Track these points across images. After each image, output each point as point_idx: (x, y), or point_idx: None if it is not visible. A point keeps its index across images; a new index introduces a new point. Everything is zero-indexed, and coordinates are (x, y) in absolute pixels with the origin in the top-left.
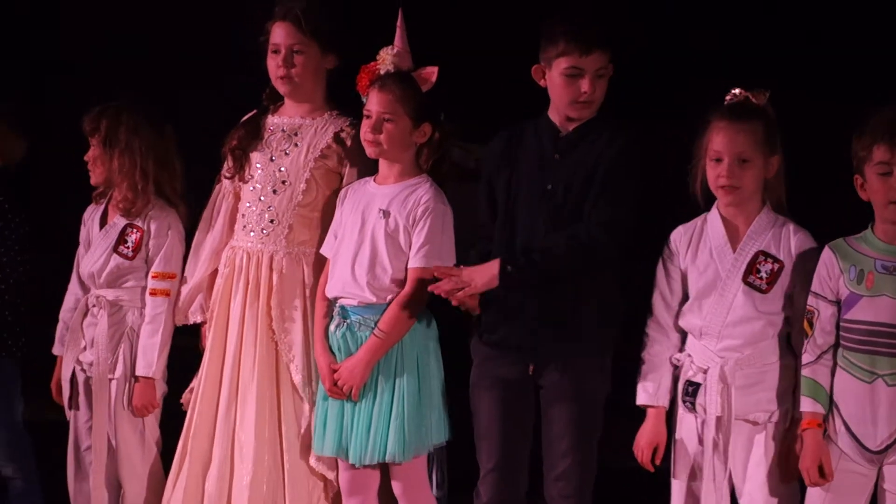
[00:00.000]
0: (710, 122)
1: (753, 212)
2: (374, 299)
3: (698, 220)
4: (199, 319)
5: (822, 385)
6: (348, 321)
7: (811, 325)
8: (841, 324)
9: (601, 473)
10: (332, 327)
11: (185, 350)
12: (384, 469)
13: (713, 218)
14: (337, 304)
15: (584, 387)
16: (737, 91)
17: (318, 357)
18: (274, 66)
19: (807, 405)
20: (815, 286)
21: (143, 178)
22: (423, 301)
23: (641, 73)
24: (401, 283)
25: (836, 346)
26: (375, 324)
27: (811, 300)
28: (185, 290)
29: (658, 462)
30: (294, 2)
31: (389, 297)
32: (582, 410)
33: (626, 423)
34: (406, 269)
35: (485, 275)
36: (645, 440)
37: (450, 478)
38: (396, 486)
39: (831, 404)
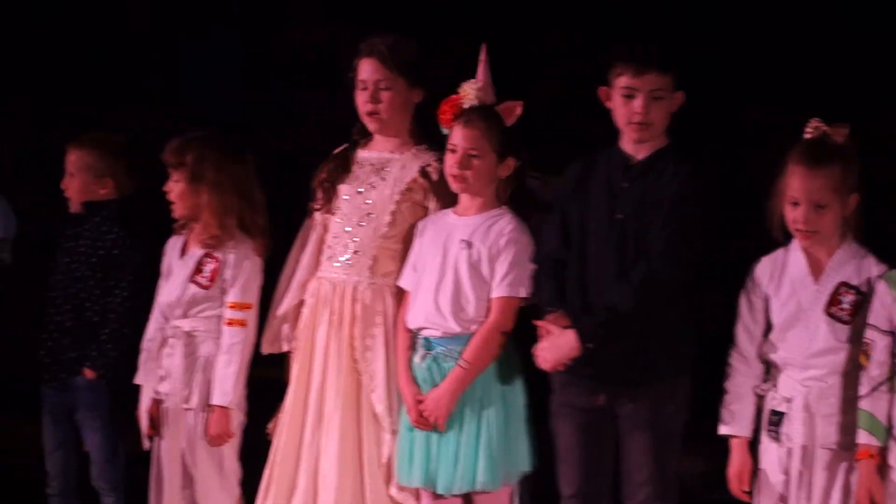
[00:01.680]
0: (788, 163)
1: (834, 245)
2: (458, 329)
3: (780, 252)
4: (284, 349)
5: (877, 417)
6: (433, 352)
7: (867, 356)
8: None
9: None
10: (416, 359)
11: (267, 380)
12: (466, 497)
13: (794, 250)
14: (420, 336)
15: (659, 416)
16: (815, 126)
17: (403, 389)
18: (362, 102)
19: (862, 437)
20: (870, 318)
21: (227, 213)
22: (506, 330)
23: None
24: (484, 313)
25: (894, 377)
26: (460, 354)
27: (868, 332)
28: (271, 318)
29: (746, 488)
30: (380, 38)
31: (473, 328)
32: (658, 441)
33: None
34: (489, 298)
35: (563, 350)
36: (734, 471)
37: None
38: None
39: (888, 435)
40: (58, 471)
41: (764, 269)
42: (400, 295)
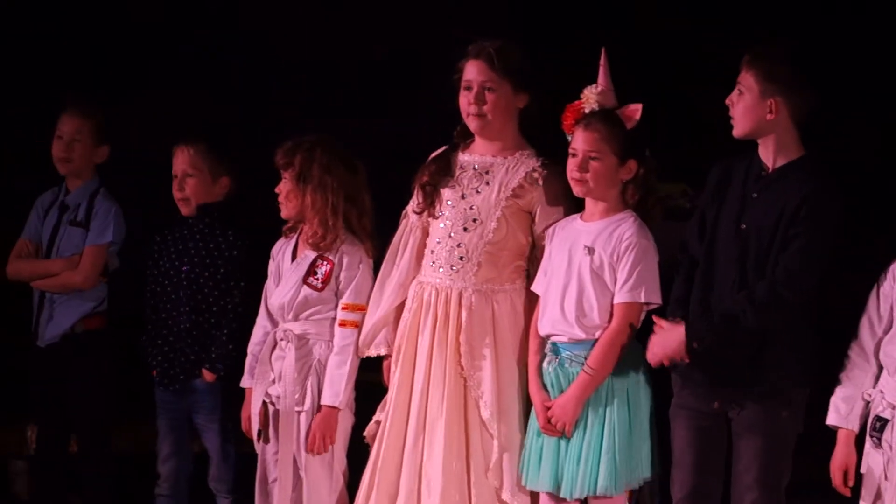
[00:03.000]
0: None
1: None
2: (583, 335)
3: None
4: (382, 352)
5: None
6: (559, 357)
7: None
8: None
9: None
10: (545, 364)
11: (365, 384)
12: (584, 500)
13: None
14: (549, 341)
15: (771, 422)
16: None
17: (533, 394)
18: (465, 102)
19: None
20: None
21: (333, 215)
22: (630, 335)
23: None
24: (608, 319)
25: None
26: (585, 359)
27: None
28: (368, 322)
29: (850, 484)
30: (488, 41)
31: (598, 333)
32: (767, 445)
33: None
34: (612, 304)
35: (671, 345)
36: (837, 463)
37: None
38: None
39: None
40: (169, 473)
41: None
42: (515, 301)
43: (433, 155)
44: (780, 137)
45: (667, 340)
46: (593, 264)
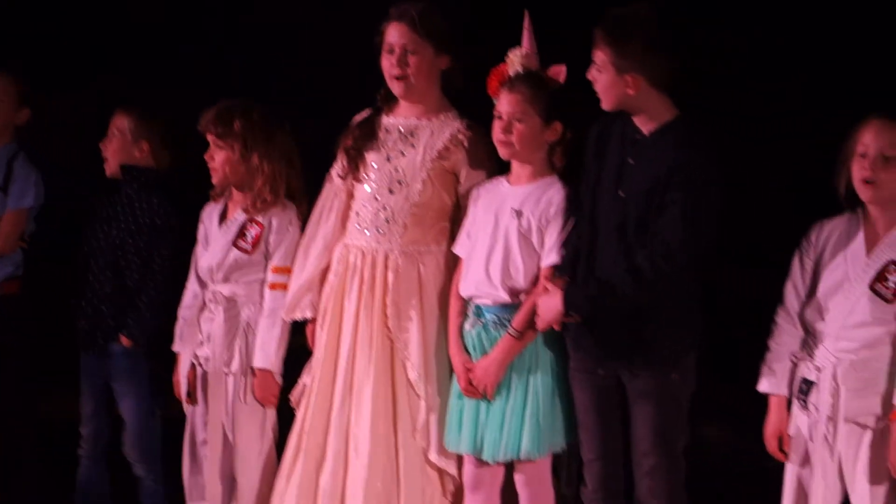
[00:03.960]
0: (863, 121)
1: (894, 219)
2: (507, 299)
3: (841, 219)
4: (308, 315)
5: None
6: (483, 320)
7: None
8: None
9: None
10: (466, 326)
11: (292, 348)
12: (507, 465)
13: (855, 219)
14: (472, 304)
15: (661, 388)
16: None
17: (453, 356)
18: (388, 65)
19: None
20: None
21: (279, 179)
22: None
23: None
24: (533, 283)
25: None
26: (510, 323)
27: None
28: (293, 285)
29: (786, 449)
30: (410, 3)
31: (523, 297)
32: (660, 411)
33: None
34: (538, 268)
35: (551, 311)
36: (771, 429)
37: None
38: (519, 479)
39: None
40: (90, 434)
41: (822, 232)
42: (441, 262)
43: (357, 118)
44: (648, 106)
45: (548, 306)
46: (521, 227)
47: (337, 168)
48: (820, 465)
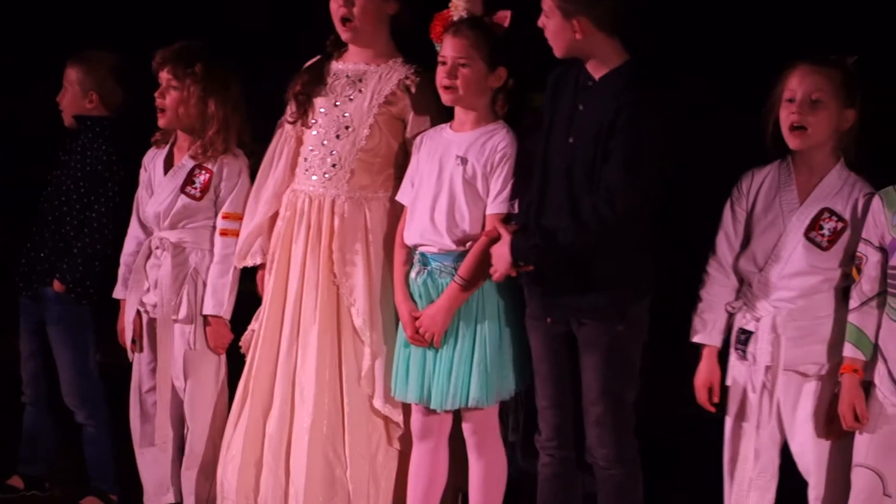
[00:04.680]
0: (789, 67)
1: (825, 166)
2: (453, 246)
3: (771, 167)
4: (258, 261)
5: (865, 332)
6: (428, 268)
7: (859, 271)
8: (887, 271)
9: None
10: (412, 274)
11: (242, 294)
12: (455, 413)
13: (785, 167)
14: (416, 252)
15: (608, 338)
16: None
17: (399, 304)
18: (335, 7)
19: (847, 350)
20: (864, 233)
21: (232, 126)
22: None
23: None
24: (480, 230)
25: (884, 293)
26: (455, 270)
27: (861, 247)
28: (243, 232)
29: (716, 400)
30: None
31: (469, 244)
32: (607, 360)
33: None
34: (484, 215)
35: (501, 259)
36: (700, 380)
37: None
38: (467, 428)
39: (876, 351)
40: (29, 378)
41: (752, 181)
42: (389, 209)
43: (306, 65)
44: (597, 51)
45: (498, 255)
46: (465, 174)
47: (287, 114)
48: (756, 415)
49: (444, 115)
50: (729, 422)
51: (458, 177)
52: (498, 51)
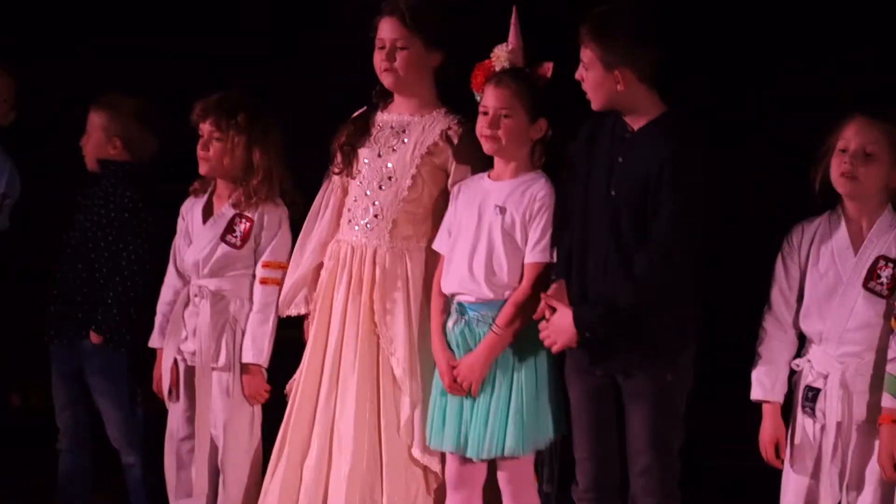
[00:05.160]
0: (845, 118)
1: (875, 213)
2: (491, 295)
3: (821, 219)
4: (302, 311)
5: None
6: (466, 318)
7: None
8: None
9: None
10: (449, 324)
11: (287, 341)
12: (490, 463)
13: (836, 218)
14: (454, 301)
15: (657, 387)
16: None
17: (437, 354)
18: (378, 60)
19: (887, 401)
20: None
21: (275, 175)
22: (539, 295)
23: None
24: (518, 279)
25: None
26: (493, 320)
27: None
28: (288, 281)
29: (783, 456)
30: None
31: (507, 293)
32: (655, 410)
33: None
34: (522, 264)
35: (564, 333)
36: (767, 437)
37: (560, 472)
38: (502, 477)
39: None
40: (67, 426)
41: (802, 235)
42: (429, 259)
43: (353, 116)
44: (637, 101)
45: (559, 330)
46: (504, 223)
47: (333, 165)
48: (826, 475)
49: (485, 165)
50: (794, 480)
51: (497, 226)
52: (539, 102)
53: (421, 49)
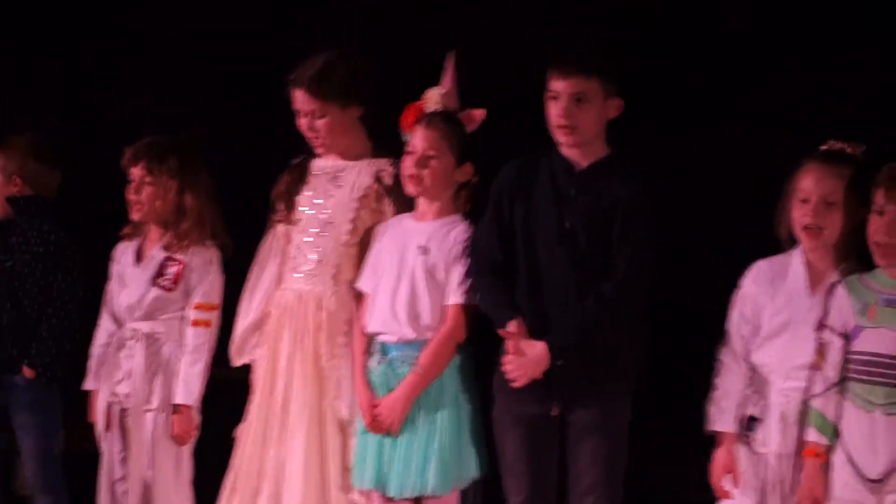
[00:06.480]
0: (804, 163)
1: (835, 262)
2: (413, 336)
3: (782, 258)
4: (255, 357)
5: (827, 417)
6: (388, 357)
7: (823, 357)
8: (847, 356)
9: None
10: (372, 363)
11: (228, 381)
12: (416, 501)
13: (795, 258)
14: (377, 341)
15: (611, 422)
16: (833, 142)
17: (359, 392)
18: (303, 128)
19: (811, 435)
20: (829, 320)
21: (206, 217)
22: (461, 336)
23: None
24: (440, 320)
25: (846, 379)
26: (415, 360)
27: (826, 334)
28: (238, 329)
29: (737, 486)
30: (308, 64)
31: (429, 334)
32: (607, 445)
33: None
34: (444, 305)
35: (534, 366)
36: (719, 466)
37: None
38: None
39: (837, 435)
40: None
41: (761, 272)
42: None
43: (291, 164)
44: (599, 135)
45: (528, 362)
46: (427, 264)
47: (274, 214)
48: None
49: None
50: None
51: (420, 266)
52: (468, 146)
53: (336, 111)
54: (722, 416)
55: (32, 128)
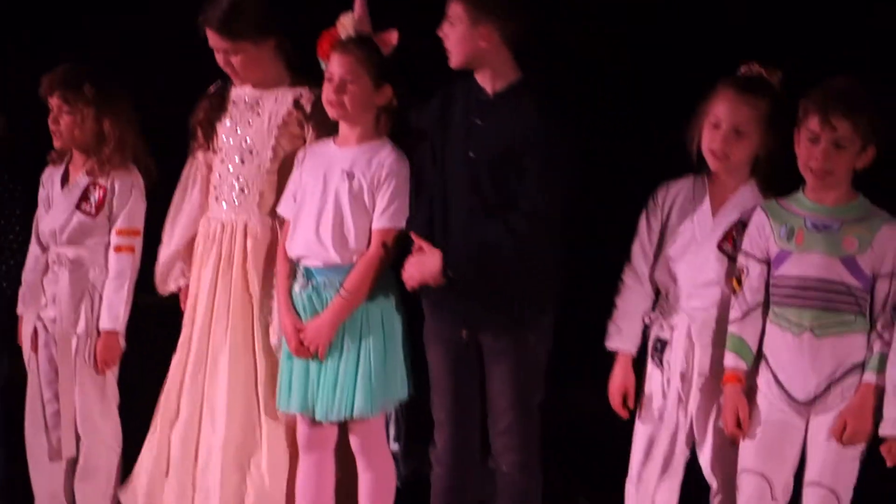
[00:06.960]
0: (717, 87)
1: (740, 183)
2: (339, 260)
3: (687, 180)
4: (181, 285)
5: (746, 341)
6: (313, 282)
7: (740, 283)
8: (772, 280)
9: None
10: (296, 288)
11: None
12: (341, 426)
13: (700, 180)
14: (301, 266)
15: (519, 348)
16: (751, 66)
17: (283, 317)
18: (220, 62)
19: (729, 360)
20: (745, 245)
21: (126, 143)
22: (387, 260)
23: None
24: (365, 244)
25: (765, 304)
26: (340, 284)
27: (741, 259)
28: (161, 258)
29: (631, 406)
30: (216, 3)
31: (354, 258)
32: (518, 370)
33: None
34: (370, 229)
35: (428, 270)
36: (616, 385)
37: (406, 430)
38: (355, 441)
39: (758, 359)
40: None
41: (668, 193)
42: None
43: (209, 91)
44: (496, 62)
45: (424, 265)
46: (353, 189)
47: (194, 142)
48: (671, 424)
49: (337, 130)
50: (642, 430)
51: (345, 192)
52: (384, 69)
53: (250, 48)
54: (619, 335)
55: None
